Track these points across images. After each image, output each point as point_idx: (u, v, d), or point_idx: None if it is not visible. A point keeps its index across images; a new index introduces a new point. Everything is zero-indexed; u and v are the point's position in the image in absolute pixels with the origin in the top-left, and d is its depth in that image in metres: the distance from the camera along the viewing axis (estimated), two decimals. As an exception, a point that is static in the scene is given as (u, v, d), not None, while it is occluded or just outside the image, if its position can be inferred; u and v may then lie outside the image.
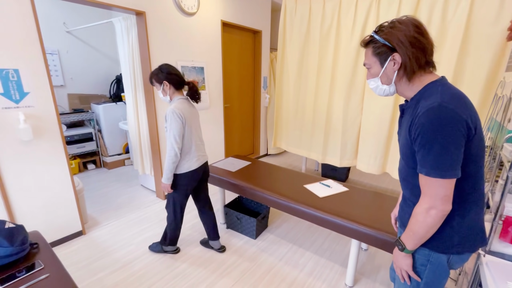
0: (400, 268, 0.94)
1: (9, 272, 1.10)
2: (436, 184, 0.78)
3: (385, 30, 0.85)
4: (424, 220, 0.82)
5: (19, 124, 1.70)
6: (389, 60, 0.86)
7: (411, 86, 0.87)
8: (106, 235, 2.25)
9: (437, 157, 0.76)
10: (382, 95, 0.95)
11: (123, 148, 3.92)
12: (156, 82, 1.70)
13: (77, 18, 3.57)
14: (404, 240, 0.90)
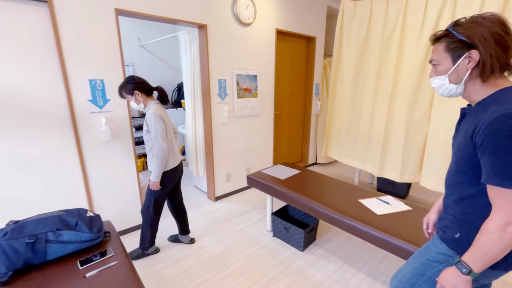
0: None
1: (87, 255, 1.27)
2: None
3: (465, 25, 0.79)
4: (501, 237, 0.72)
5: (101, 126, 1.99)
6: (463, 57, 0.79)
7: (483, 88, 0.80)
8: (162, 230, 2.44)
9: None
10: (445, 95, 0.88)
11: (180, 150, 4.25)
12: (127, 94, 1.78)
13: (149, 34, 4.04)
14: (469, 262, 0.78)
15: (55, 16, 1.71)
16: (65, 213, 1.31)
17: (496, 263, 0.78)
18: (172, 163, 1.90)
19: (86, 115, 1.95)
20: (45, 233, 1.19)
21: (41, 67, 1.75)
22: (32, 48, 1.70)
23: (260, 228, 2.48)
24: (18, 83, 1.69)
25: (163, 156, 1.77)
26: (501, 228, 0.72)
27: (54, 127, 1.87)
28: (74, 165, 1.99)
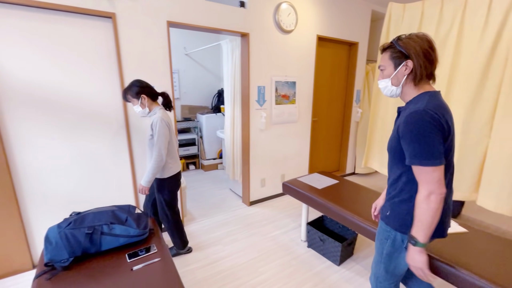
0: (420, 268, 0.99)
1: (134, 250, 1.38)
2: (429, 171, 0.93)
3: (404, 40, 1.01)
4: (428, 206, 0.94)
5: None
6: (402, 65, 1.01)
7: (414, 91, 1.03)
8: (199, 230, 2.53)
9: (428, 149, 0.92)
10: (388, 95, 1.09)
11: (217, 154, 4.39)
12: (132, 97, 1.75)
13: (194, 43, 4.29)
14: (415, 233, 0.98)
15: (117, 29, 1.91)
16: (117, 208, 1.44)
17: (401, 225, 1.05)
18: (177, 168, 1.91)
19: (137, 120, 2.13)
20: (101, 225, 1.31)
21: (103, 75, 1.97)
22: (97, 59, 1.92)
23: (294, 237, 2.43)
24: (84, 89, 1.92)
25: (160, 162, 1.75)
26: (426, 198, 0.94)
27: (111, 130, 2.07)
28: (125, 164, 2.18)
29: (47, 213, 1.95)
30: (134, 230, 1.38)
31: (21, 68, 1.71)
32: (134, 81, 1.77)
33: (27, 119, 1.78)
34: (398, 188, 1.07)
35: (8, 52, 1.66)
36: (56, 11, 1.74)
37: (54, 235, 1.23)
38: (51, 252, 1.21)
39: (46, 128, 1.85)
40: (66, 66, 1.83)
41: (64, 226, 1.27)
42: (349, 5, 3.35)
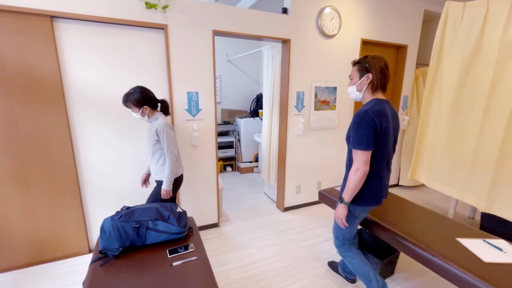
0: (339, 218, 1.47)
1: (174, 246, 1.46)
2: (359, 153, 1.34)
3: (369, 58, 1.41)
4: (354, 177, 1.36)
5: (193, 132, 2.28)
6: (364, 77, 1.41)
7: (369, 96, 1.43)
8: (234, 232, 2.59)
9: (361, 138, 1.33)
10: (353, 98, 1.48)
11: (253, 157, 4.46)
12: (134, 106, 1.72)
13: (235, 49, 4.43)
14: (343, 195, 1.43)
15: (168, 39, 2.07)
16: (161, 206, 1.55)
17: (357, 200, 1.45)
18: (180, 170, 1.95)
19: (182, 122, 2.27)
20: (147, 221, 1.43)
21: (154, 81, 2.14)
22: (149, 66, 2.11)
23: (328, 249, 2.35)
24: (137, 95, 2.11)
25: (175, 164, 1.80)
26: (354, 172, 1.35)
27: (158, 131, 2.24)
28: (168, 164, 2.34)
29: (102, 204, 2.18)
30: (175, 228, 1.47)
31: (87, 76, 1.95)
32: (137, 89, 1.72)
33: (90, 121, 2.02)
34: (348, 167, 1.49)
35: (78, 61, 1.91)
36: (117, 25, 1.96)
37: (108, 226, 1.37)
38: (105, 241, 1.35)
39: (105, 130, 2.07)
40: (123, 73, 2.04)
41: (116, 218, 1.40)
42: (398, 6, 3.15)
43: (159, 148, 1.82)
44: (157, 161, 1.85)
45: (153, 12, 2.00)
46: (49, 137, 1.91)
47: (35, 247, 2.02)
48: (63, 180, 2.00)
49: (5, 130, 1.79)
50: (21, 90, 1.78)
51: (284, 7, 2.56)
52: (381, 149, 1.40)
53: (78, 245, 2.15)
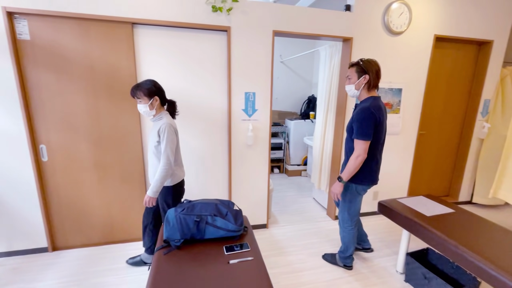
0: (335, 193, 1.81)
1: (230, 243, 1.48)
2: (361, 143, 1.66)
3: (365, 62, 1.70)
4: (355, 162, 1.69)
5: (248, 132, 2.30)
6: (362, 77, 1.70)
7: (366, 94, 1.73)
8: (282, 235, 2.54)
9: (363, 130, 1.63)
10: (351, 96, 1.80)
11: (302, 160, 4.35)
12: (145, 95, 1.61)
13: (289, 50, 4.38)
14: (342, 175, 1.76)
15: (230, 41, 2.13)
16: (219, 202, 1.58)
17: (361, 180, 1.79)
18: (182, 175, 1.83)
19: (238, 122, 2.31)
20: (206, 216, 1.47)
21: (214, 81, 2.23)
22: (211, 67, 2.20)
23: (386, 266, 2.13)
24: (198, 93, 2.22)
25: (168, 170, 1.64)
26: (355, 157, 1.68)
27: (216, 130, 2.32)
28: (224, 162, 2.41)
29: (162, 195, 2.35)
30: (232, 225, 1.48)
31: (156, 76, 2.11)
32: (149, 80, 1.67)
33: (157, 117, 2.19)
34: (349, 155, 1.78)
35: (150, 63, 2.08)
36: (185, 29, 2.08)
37: (172, 217, 1.45)
38: (169, 231, 1.43)
39: (169, 126, 2.22)
40: (187, 73, 2.16)
41: (180, 211, 1.48)
42: (484, -4, 2.73)
43: (160, 150, 1.69)
44: (157, 165, 1.71)
45: (218, 15, 2.08)
46: (124, 132, 2.13)
47: (107, 228, 2.27)
48: (132, 171, 2.21)
49: (91, 124, 2.05)
50: (105, 89, 2.02)
51: (348, 4, 2.42)
52: (378, 138, 1.72)
53: (140, 231, 2.35)
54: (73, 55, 1.92)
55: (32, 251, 2.14)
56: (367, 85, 1.69)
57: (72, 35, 1.89)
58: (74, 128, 2.03)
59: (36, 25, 1.82)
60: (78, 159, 2.09)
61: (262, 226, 2.65)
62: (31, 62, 1.87)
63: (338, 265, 2.10)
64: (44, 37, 1.85)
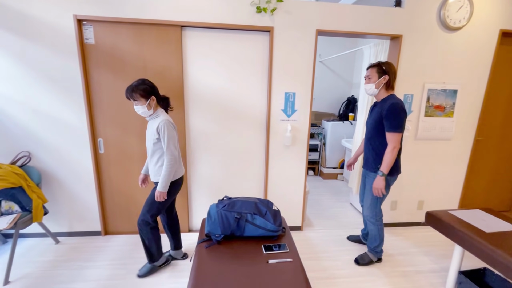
0: (379, 189, 1.86)
1: (269, 243, 1.48)
2: (396, 135, 1.80)
3: (385, 64, 1.87)
4: (392, 154, 1.81)
5: (286, 132, 2.29)
6: (382, 77, 1.85)
7: (385, 93, 1.89)
8: (317, 239, 2.48)
9: (397, 123, 1.78)
10: (369, 94, 1.95)
11: (338, 163, 4.20)
12: (142, 97, 1.63)
13: (328, 49, 4.26)
14: (382, 169, 1.84)
15: (273, 41, 2.14)
16: (258, 201, 1.60)
17: (392, 172, 1.90)
18: (180, 172, 1.83)
19: (277, 122, 2.31)
20: (246, 213, 1.49)
21: (256, 82, 2.25)
22: (252, 67, 2.22)
23: (434, 282, 1.96)
24: (238, 92, 2.27)
25: (173, 165, 1.69)
26: (391, 150, 1.81)
27: (254, 129, 2.35)
28: (261, 161, 2.42)
29: (202, 192, 2.44)
30: (271, 225, 1.49)
31: (200, 76, 2.20)
32: (144, 80, 1.68)
33: (198, 117, 2.28)
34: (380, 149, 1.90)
35: (195, 63, 2.18)
36: (229, 30, 2.14)
37: (214, 212, 1.51)
38: (210, 226, 1.49)
39: (209, 125, 2.30)
40: (229, 73, 2.22)
41: (221, 207, 1.52)
42: None
43: (159, 147, 1.71)
44: (157, 161, 1.74)
45: (262, 16, 2.10)
46: (169, 128, 2.25)
47: (151, 219, 2.43)
48: (175, 166, 2.33)
49: (140, 121, 2.21)
50: (154, 88, 2.17)
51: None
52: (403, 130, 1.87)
53: (181, 224, 2.47)
54: (129, 57, 2.09)
55: (88, 234, 2.38)
56: (385, 85, 1.86)
57: (129, 39, 2.06)
58: (126, 124, 2.21)
59: (100, 30, 2.02)
60: (128, 152, 2.27)
61: (296, 228, 2.62)
62: (94, 64, 2.07)
63: (372, 262, 2.14)
64: (106, 41, 2.04)
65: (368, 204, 2.02)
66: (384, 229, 2.11)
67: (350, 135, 4.06)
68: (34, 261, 2.04)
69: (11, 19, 1.93)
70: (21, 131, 2.12)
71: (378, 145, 1.91)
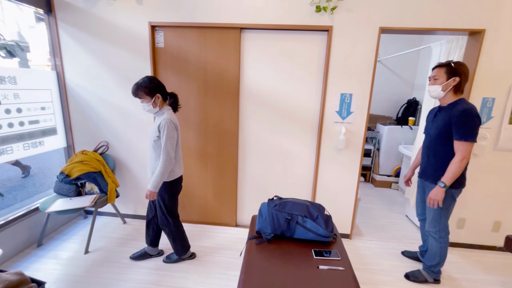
0: (436, 200, 1.68)
1: (319, 248, 1.45)
2: (467, 145, 1.59)
3: (457, 64, 1.65)
4: (460, 166, 1.61)
5: (340, 135, 2.20)
6: (452, 79, 1.65)
7: (453, 97, 1.68)
8: (367, 250, 2.34)
9: (470, 131, 1.58)
10: (433, 96, 1.74)
11: (393, 171, 3.87)
12: (147, 94, 1.64)
13: (387, 48, 3.95)
14: (444, 180, 1.65)
15: (331, 40, 2.08)
16: (310, 204, 1.57)
17: (460, 184, 1.71)
18: (180, 171, 1.85)
19: (330, 124, 2.24)
20: (297, 215, 1.48)
21: (310, 82, 2.22)
22: (307, 68, 2.19)
23: (512, 318, 1.68)
24: (291, 93, 2.26)
25: (168, 166, 1.67)
26: (459, 160, 1.61)
27: (305, 130, 2.32)
28: (310, 163, 2.38)
29: (250, 189, 2.51)
30: (322, 230, 1.45)
31: (255, 76, 2.26)
32: (150, 77, 1.68)
33: (251, 116, 2.34)
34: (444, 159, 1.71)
35: (251, 63, 2.24)
36: (285, 30, 2.14)
37: (265, 210, 1.53)
38: (261, 224, 1.52)
39: (261, 123, 2.35)
40: (283, 74, 2.23)
41: (272, 206, 1.54)
42: None
43: (159, 145, 1.70)
44: (156, 159, 1.74)
45: (321, 15, 2.05)
46: (225, 128, 2.37)
47: (203, 210, 2.59)
48: (228, 164, 2.44)
49: (200, 119, 2.37)
50: (213, 88, 2.30)
51: (482, -11, 1.99)
52: None
53: (229, 218, 2.58)
54: (192, 58, 2.25)
55: (148, 218, 2.66)
56: (454, 87, 1.66)
57: (193, 42, 2.22)
58: (187, 121, 2.39)
59: (169, 35, 2.22)
60: (188, 147, 2.45)
61: (344, 236, 2.50)
62: (162, 65, 2.29)
63: (426, 282, 1.95)
64: (174, 44, 2.24)
65: (431, 218, 1.82)
66: (447, 246, 1.84)
67: (409, 141, 3.72)
68: (106, 236, 2.36)
69: (100, 27, 2.25)
70: (102, 124, 2.46)
71: (441, 154, 1.72)
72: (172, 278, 1.90)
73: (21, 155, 2.11)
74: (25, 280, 1.44)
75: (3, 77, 1.93)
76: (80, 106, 2.44)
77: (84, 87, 2.39)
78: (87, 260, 2.05)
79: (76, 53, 2.32)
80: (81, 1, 2.21)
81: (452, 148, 1.66)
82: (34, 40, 5.11)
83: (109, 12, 2.21)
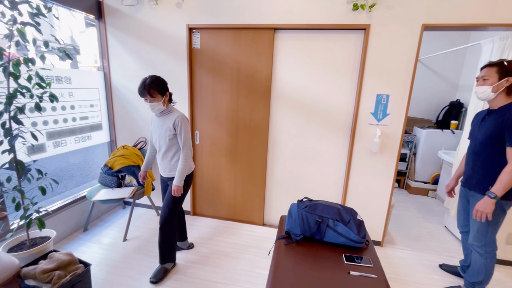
0: (485, 213, 1.52)
1: (350, 254, 1.42)
2: None
3: (510, 63, 1.50)
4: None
5: (374, 138, 2.12)
6: (504, 79, 1.49)
7: (505, 99, 1.53)
8: (400, 260, 2.22)
9: None
10: (482, 98, 1.60)
11: (431, 178, 3.62)
12: (159, 93, 1.66)
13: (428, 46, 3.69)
14: (495, 190, 1.50)
15: (368, 39, 2.01)
16: (341, 208, 1.54)
17: (507, 195, 1.53)
18: (193, 165, 1.91)
19: (364, 126, 2.17)
20: (328, 218, 1.46)
21: (344, 82, 2.16)
22: (341, 68, 2.14)
23: None
24: (324, 94, 2.22)
25: (189, 159, 1.77)
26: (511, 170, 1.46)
27: (337, 132, 2.27)
28: (341, 166, 2.32)
29: (278, 189, 2.52)
30: (354, 235, 1.41)
31: (287, 76, 2.25)
32: (158, 77, 1.68)
33: (282, 115, 2.34)
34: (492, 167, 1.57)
35: (284, 64, 2.24)
36: (318, 30, 2.11)
37: (295, 211, 1.53)
38: (290, 224, 1.52)
39: (291, 123, 2.34)
40: (316, 74, 2.20)
41: (302, 207, 1.54)
42: None
43: (175, 143, 1.76)
44: (172, 156, 1.79)
45: (358, 13, 1.99)
46: (255, 128, 2.40)
47: (231, 207, 2.66)
48: (257, 163, 2.47)
49: (231, 118, 2.43)
50: (246, 88, 2.34)
51: (546, -20, 1.78)
52: None
53: (257, 217, 2.61)
54: (226, 59, 2.31)
55: (179, 211, 2.78)
56: (507, 89, 1.52)
57: (227, 43, 2.28)
58: (219, 120, 2.46)
59: (205, 36, 2.30)
60: (219, 145, 2.53)
61: (375, 243, 2.40)
62: (198, 65, 2.39)
63: None
64: (209, 45, 2.32)
65: (475, 231, 1.68)
66: (494, 263, 1.69)
67: (450, 146, 3.45)
68: (142, 227, 2.52)
69: (143, 30, 2.40)
70: (141, 121, 2.63)
71: (489, 162, 1.58)
72: (202, 271, 1.97)
73: (72, 147, 2.34)
74: (74, 260, 1.60)
75: (60, 77, 2.16)
76: (122, 104, 2.63)
77: (126, 86, 2.58)
78: (125, 247, 2.21)
79: (121, 55, 2.51)
80: (127, 7, 2.38)
81: (501, 155, 1.52)
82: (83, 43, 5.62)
83: (152, 16, 2.35)
